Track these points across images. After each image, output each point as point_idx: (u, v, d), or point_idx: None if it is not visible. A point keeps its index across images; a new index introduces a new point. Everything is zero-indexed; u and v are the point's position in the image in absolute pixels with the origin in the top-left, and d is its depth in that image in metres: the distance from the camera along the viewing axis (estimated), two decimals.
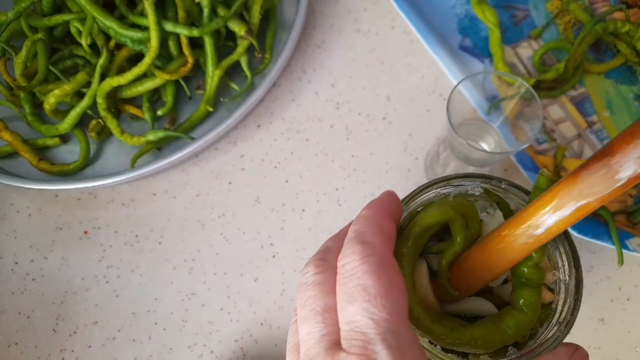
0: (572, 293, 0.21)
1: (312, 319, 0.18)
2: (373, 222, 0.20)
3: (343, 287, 0.18)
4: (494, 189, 0.24)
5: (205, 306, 0.42)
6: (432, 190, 0.23)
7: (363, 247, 0.18)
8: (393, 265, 0.18)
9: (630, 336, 0.41)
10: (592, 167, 0.18)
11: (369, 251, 0.18)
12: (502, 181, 0.23)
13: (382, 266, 0.18)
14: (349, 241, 0.19)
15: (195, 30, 0.44)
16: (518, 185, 0.23)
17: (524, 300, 0.21)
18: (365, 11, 0.52)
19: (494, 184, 0.23)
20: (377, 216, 0.20)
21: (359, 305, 0.17)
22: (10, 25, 0.46)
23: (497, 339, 0.21)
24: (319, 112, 0.48)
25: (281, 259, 0.44)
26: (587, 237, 0.39)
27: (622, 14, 0.48)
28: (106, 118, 0.45)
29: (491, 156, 0.37)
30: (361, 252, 0.18)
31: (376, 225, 0.19)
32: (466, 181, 0.23)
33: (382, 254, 0.18)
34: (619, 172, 0.17)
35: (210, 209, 0.45)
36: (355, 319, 0.17)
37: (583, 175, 0.18)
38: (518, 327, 0.21)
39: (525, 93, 0.37)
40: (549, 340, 0.21)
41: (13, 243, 0.45)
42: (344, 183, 0.46)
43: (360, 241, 0.18)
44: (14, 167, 0.46)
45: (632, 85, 0.47)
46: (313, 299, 0.19)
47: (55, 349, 0.41)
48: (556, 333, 0.21)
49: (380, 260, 0.18)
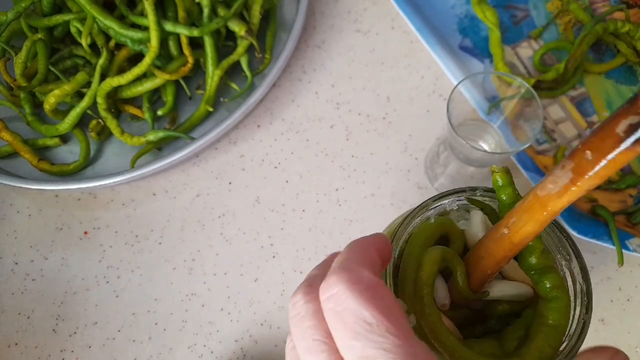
0: (583, 304, 0.22)
1: (317, 350, 0.18)
2: (356, 251, 0.19)
3: (338, 324, 0.17)
4: (472, 199, 0.24)
5: (205, 306, 0.42)
6: (416, 219, 0.24)
7: (347, 275, 0.17)
8: (381, 286, 0.18)
9: (630, 336, 0.41)
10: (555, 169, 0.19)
11: (354, 278, 0.17)
12: (477, 190, 0.24)
13: (372, 291, 0.17)
14: (332, 270, 0.18)
15: (195, 30, 0.44)
16: (492, 188, 0.24)
17: (550, 284, 0.21)
18: (365, 11, 0.52)
19: (469, 195, 0.24)
20: (361, 245, 0.20)
21: (366, 339, 0.16)
22: (10, 25, 0.46)
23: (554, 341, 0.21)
24: (319, 113, 0.48)
25: (281, 259, 0.44)
26: (587, 237, 0.39)
27: (623, 14, 0.48)
28: (106, 118, 0.45)
29: (491, 156, 0.37)
30: (347, 279, 0.17)
31: (360, 253, 0.19)
32: (443, 201, 0.25)
33: (368, 278, 0.18)
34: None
35: (210, 209, 0.45)
36: (367, 354, 0.16)
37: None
38: (560, 313, 0.21)
39: (525, 93, 0.37)
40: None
41: (13, 243, 0.45)
42: (344, 183, 0.46)
43: (343, 268, 0.18)
44: (14, 167, 0.46)
45: (632, 85, 0.47)
46: (314, 329, 0.18)
47: (55, 349, 0.41)
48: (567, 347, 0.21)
49: (368, 285, 0.17)
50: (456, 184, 0.44)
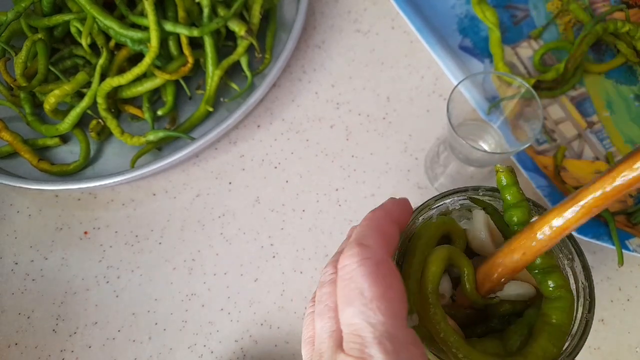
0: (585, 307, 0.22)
1: (325, 315, 0.19)
2: (374, 225, 0.20)
3: (341, 290, 0.18)
4: (475, 198, 0.24)
5: (205, 306, 0.42)
6: (419, 218, 0.24)
7: (361, 250, 0.19)
8: (390, 268, 0.19)
9: (630, 336, 0.41)
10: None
11: (366, 254, 0.19)
12: (479, 189, 0.24)
13: (379, 269, 0.18)
14: (349, 244, 0.19)
15: (195, 30, 0.44)
16: (494, 188, 0.24)
17: (554, 284, 0.22)
18: (365, 11, 0.52)
19: (471, 194, 0.24)
20: (379, 220, 0.20)
21: (356, 308, 0.17)
22: (10, 25, 0.46)
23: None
24: (319, 113, 0.48)
25: (281, 259, 0.44)
26: (587, 237, 0.39)
27: (622, 14, 0.48)
28: (106, 118, 0.45)
29: (491, 156, 0.37)
30: (359, 254, 0.19)
31: (377, 229, 0.20)
32: (445, 200, 0.25)
33: (379, 257, 0.19)
34: None
35: (210, 209, 0.45)
36: (353, 322, 0.17)
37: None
38: (564, 312, 0.21)
39: (525, 93, 0.37)
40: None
41: (13, 243, 0.45)
42: (344, 183, 0.46)
43: (359, 244, 0.19)
44: (14, 167, 0.46)
45: (632, 85, 0.47)
46: (327, 296, 0.19)
47: (55, 349, 0.41)
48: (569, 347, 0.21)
49: (378, 263, 0.18)
50: (456, 184, 0.44)
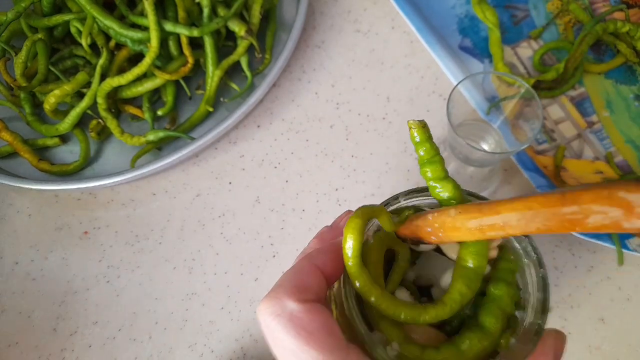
0: (539, 302, 0.21)
1: None
2: (290, 276, 0.21)
3: (270, 342, 0.20)
4: (396, 210, 0.24)
5: (206, 306, 0.42)
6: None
7: (273, 306, 0.20)
8: (302, 316, 0.19)
9: (630, 336, 0.41)
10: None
11: (278, 310, 0.19)
12: (398, 197, 0.24)
13: (293, 322, 0.19)
14: (266, 295, 0.20)
15: (195, 30, 0.44)
16: (414, 189, 0.24)
17: (471, 255, 0.21)
18: (365, 11, 0.52)
19: (392, 207, 0.24)
20: (296, 271, 0.21)
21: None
22: (10, 25, 0.46)
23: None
24: (319, 113, 0.48)
25: (281, 259, 0.44)
26: (587, 236, 0.39)
27: (622, 14, 0.48)
28: (106, 118, 0.45)
29: (491, 156, 0.37)
30: (272, 312, 0.20)
31: (292, 280, 0.21)
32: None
33: (290, 309, 0.19)
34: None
35: (210, 209, 0.45)
36: None
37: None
38: (478, 255, 0.21)
39: (525, 93, 0.37)
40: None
41: (13, 243, 0.45)
42: (343, 183, 0.46)
43: (274, 297, 0.20)
44: (14, 167, 0.46)
45: (632, 85, 0.47)
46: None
47: (55, 349, 0.41)
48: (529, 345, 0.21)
49: (290, 317, 0.19)
50: None
